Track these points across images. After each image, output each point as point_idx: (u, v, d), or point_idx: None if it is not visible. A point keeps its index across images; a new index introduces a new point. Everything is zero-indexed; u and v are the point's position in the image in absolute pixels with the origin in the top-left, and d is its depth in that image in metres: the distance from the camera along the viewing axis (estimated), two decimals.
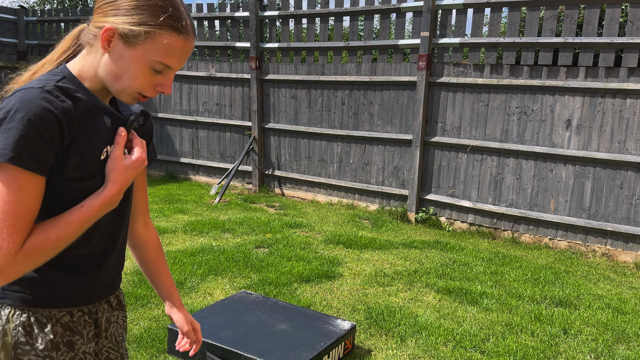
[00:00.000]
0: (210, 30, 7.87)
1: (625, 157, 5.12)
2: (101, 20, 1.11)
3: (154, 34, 1.09)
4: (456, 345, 3.23)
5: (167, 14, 1.09)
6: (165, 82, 1.16)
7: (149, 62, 1.11)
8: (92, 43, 1.14)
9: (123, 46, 1.10)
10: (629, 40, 5.00)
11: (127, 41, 1.09)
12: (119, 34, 1.09)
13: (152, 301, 3.69)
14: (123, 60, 1.11)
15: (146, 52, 1.10)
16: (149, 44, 1.10)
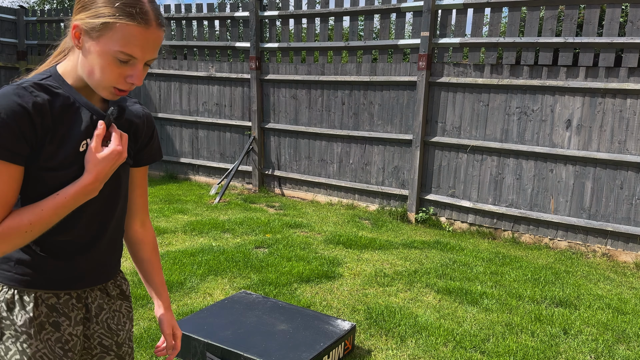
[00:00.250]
0: (210, 30, 7.87)
1: (626, 157, 5.11)
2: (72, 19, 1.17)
3: (112, 25, 1.11)
4: (456, 346, 3.23)
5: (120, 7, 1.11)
6: (133, 73, 1.17)
7: (111, 53, 1.13)
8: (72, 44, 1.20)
9: (89, 40, 1.14)
10: (629, 40, 4.99)
11: (90, 35, 1.13)
12: (83, 29, 1.14)
13: (152, 301, 3.68)
14: (91, 54, 1.15)
15: (107, 44, 1.13)
16: (109, 35, 1.12)
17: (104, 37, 1.12)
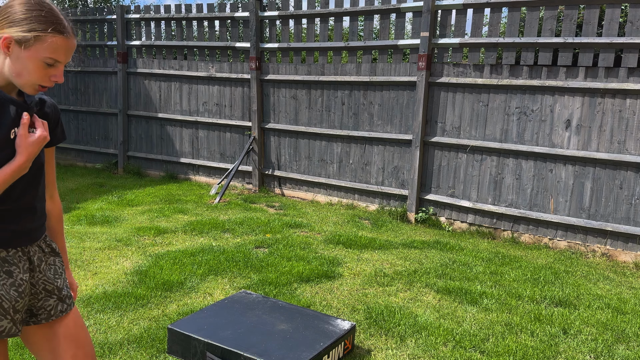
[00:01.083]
0: (210, 30, 7.88)
1: (625, 157, 5.12)
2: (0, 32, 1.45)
3: (42, 37, 1.45)
4: (456, 345, 3.23)
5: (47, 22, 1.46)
6: (57, 72, 1.52)
7: (40, 58, 1.47)
8: None
9: (19, 49, 1.45)
10: (629, 40, 5.00)
11: (21, 45, 1.45)
12: (15, 40, 1.44)
13: (152, 301, 3.69)
14: (20, 60, 1.46)
15: (38, 51, 1.46)
16: (39, 45, 1.45)
17: (34, 46, 1.45)
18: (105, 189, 7.52)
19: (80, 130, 9.34)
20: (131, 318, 3.43)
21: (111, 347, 3.04)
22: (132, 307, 3.58)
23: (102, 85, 9.00)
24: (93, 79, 9.07)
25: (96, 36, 8.91)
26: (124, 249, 4.83)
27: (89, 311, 3.50)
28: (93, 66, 9.04)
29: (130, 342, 3.11)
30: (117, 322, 3.36)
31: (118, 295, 3.73)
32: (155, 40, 8.37)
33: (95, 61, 9.01)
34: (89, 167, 9.26)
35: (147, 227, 5.47)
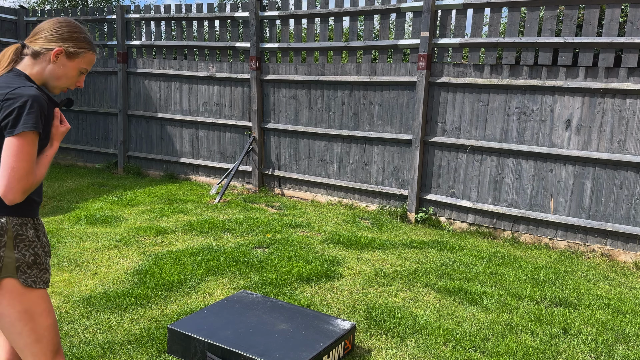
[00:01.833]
0: (210, 30, 7.88)
1: (625, 157, 5.12)
2: (51, 44, 1.87)
3: (84, 53, 1.93)
4: (456, 345, 3.23)
5: (88, 42, 1.94)
6: (82, 79, 2.00)
7: (79, 68, 1.94)
8: (39, 57, 1.87)
9: (65, 59, 1.89)
10: (629, 40, 5.00)
11: (69, 56, 1.90)
12: (65, 51, 1.88)
13: (152, 301, 3.69)
14: (65, 68, 1.90)
15: (79, 63, 1.93)
16: (81, 59, 1.93)
17: (78, 59, 1.92)
18: (105, 189, 7.52)
19: (80, 130, 9.34)
20: (131, 318, 3.43)
21: (111, 347, 3.04)
22: (132, 307, 3.58)
23: (102, 85, 9.00)
24: (93, 78, 9.07)
25: (96, 36, 8.90)
26: (124, 249, 4.83)
27: (89, 311, 3.50)
28: (93, 66, 9.02)
29: (131, 342, 3.11)
30: (117, 322, 3.36)
31: (118, 295, 3.73)
32: (155, 40, 8.37)
33: (95, 61, 9.00)
34: (89, 167, 9.26)
35: (147, 227, 5.47)
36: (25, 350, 1.86)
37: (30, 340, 1.84)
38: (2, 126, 1.71)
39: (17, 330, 1.82)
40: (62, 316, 3.43)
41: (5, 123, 1.70)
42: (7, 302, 1.80)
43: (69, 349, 3.02)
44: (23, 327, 1.82)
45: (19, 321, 1.82)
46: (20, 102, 1.70)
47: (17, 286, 1.81)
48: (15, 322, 1.82)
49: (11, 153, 1.69)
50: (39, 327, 1.85)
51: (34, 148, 1.73)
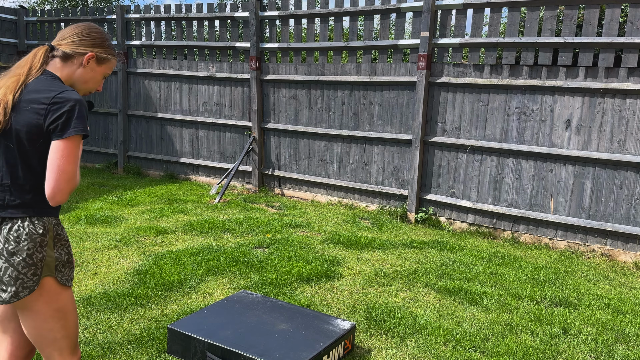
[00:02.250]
0: (210, 30, 7.88)
1: (625, 157, 5.12)
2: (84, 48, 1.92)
3: (111, 59, 2.01)
4: (456, 345, 3.23)
5: (114, 49, 2.04)
6: (102, 83, 2.06)
7: (104, 73, 2.02)
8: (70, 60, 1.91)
9: (95, 64, 1.96)
10: (629, 40, 5.00)
11: (99, 61, 1.97)
12: (97, 57, 1.95)
13: (152, 301, 3.69)
14: (93, 72, 1.97)
15: (105, 68, 2.01)
16: (108, 63, 2.01)
17: (105, 64, 2.00)
18: (105, 188, 7.51)
19: None
20: (131, 318, 3.42)
21: (111, 347, 3.04)
22: (132, 307, 3.58)
23: None
24: None
25: None
26: (124, 249, 4.83)
27: (88, 311, 3.50)
28: None
29: (130, 342, 3.11)
30: (117, 322, 3.36)
31: (118, 295, 3.73)
32: (155, 40, 8.37)
33: None
34: (89, 167, 9.26)
35: (147, 227, 5.47)
36: (51, 345, 1.89)
37: (59, 336, 1.89)
38: (51, 129, 1.74)
39: (48, 327, 1.86)
40: None
41: (54, 126, 1.73)
42: (45, 300, 1.84)
43: None
44: (55, 324, 1.87)
45: (52, 318, 1.86)
46: (69, 106, 1.74)
47: (54, 285, 1.86)
48: (49, 319, 1.86)
49: (61, 155, 1.72)
50: (69, 324, 1.92)
51: (80, 151, 1.79)
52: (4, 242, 1.79)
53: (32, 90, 1.79)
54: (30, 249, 1.79)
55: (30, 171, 1.80)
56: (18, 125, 1.76)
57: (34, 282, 1.81)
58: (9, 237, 1.79)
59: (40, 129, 1.75)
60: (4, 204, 1.81)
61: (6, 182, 1.80)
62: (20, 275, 1.78)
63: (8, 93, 1.77)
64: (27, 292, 1.80)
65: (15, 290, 1.79)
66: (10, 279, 1.79)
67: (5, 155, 1.80)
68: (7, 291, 1.79)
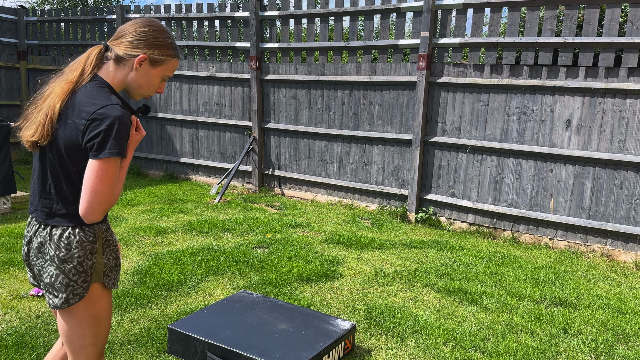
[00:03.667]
0: (210, 30, 7.88)
1: (625, 157, 5.12)
2: (135, 50, 1.76)
3: (168, 60, 1.83)
4: (456, 345, 3.23)
5: (174, 48, 1.84)
6: (162, 86, 1.90)
7: (162, 76, 1.85)
8: (122, 62, 1.78)
9: (148, 67, 1.80)
10: (629, 40, 5.00)
11: (153, 64, 1.80)
12: (150, 59, 1.79)
13: (152, 301, 3.69)
14: (147, 75, 1.81)
15: (162, 70, 1.84)
16: (165, 66, 1.83)
17: (162, 66, 1.82)
18: None
19: None
20: (131, 318, 3.42)
21: (111, 347, 3.04)
22: (132, 306, 3.58)
23: None
24: None
25: (96, 36, 8.90)
26: (124, 248, 4.83)
27: None
28: None
29: (131, 342, 3.11)
30: (117, 322, 3.36)
31: (118, 295, 3.73)
32: None
33: None
34: None
35: (147, 227, 5.47)
36: (80, 351, 1.87)
37: (89, 342, 1.86)
38: (88, 147, 1.66)
39: (81, 332, 1.84)
40: None
41: (90, 144, 1.65)
42: (84, 305, 1.82)
43: None
44: (88, 330, 1.85)
45: (86, 324, 1.84)
46: (107, 125, 1.63)
47: (99, 290, 1.85)
48: (83, 324, 1.84)
49: (95, 176, 1.65)
50: (100, 332, 1.89)
51: (116, 171, 1.70)
52: (55, 249, 1.77)
53: (77, 102, 1.70)
54: (80, 256, 1.77)
55: (71, 184, 1.76)
56: (60, 139, 1.70)
57: (84, 289, 1.80)
58: (60, 244, 1.77)
59: (79, 146, 1.68)
60: (51, 212, 1.79)
61: (53, 192, 1.78)
62: (70, 282, 1.78)
63: (56, 102, 1.69)
64: (77, 299, 1.79)
65: (66, 297, 1.78)
66: (62, 286, 1.78)
67: (50, 165, 1.76)
68: (59, 297, 1.79)
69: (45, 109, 1.70)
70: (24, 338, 3.11)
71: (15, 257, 4.41)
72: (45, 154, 1.76)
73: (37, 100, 1.78)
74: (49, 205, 1.79)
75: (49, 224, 1.79)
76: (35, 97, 1.80)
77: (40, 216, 1.81)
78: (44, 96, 1.76)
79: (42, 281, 1.84)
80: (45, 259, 1.80)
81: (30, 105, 1.79)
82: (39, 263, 1.82)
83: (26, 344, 3.05)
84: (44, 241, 1.79)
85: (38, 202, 1.81)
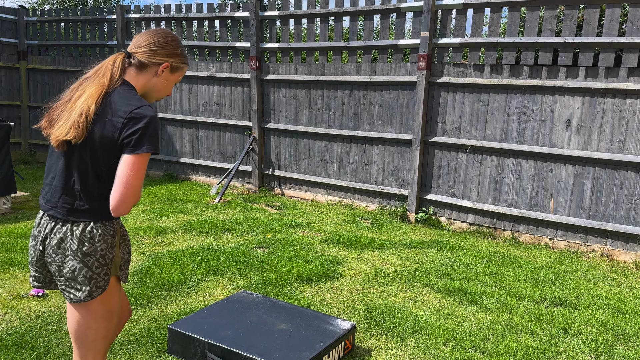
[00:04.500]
0: (210, 30, 7.88)
1: (625, 157, 5.12)
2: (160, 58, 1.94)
3: (183, 67, 2.04)
4: (456, 345, 3.23)
5: (187, 57, 2.05)
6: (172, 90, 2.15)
7: (176, 81, 2.05)
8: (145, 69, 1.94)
9: (169, 73, 1.99)
10: (629, 40, 5.00)
11: (173, 70, 2.00)
12: (171, 66, 1.98)
13: (152, 301, 3.69)
14: (166, 80, 2.00)
15: (178, 76, 2.04)
16: (180, 72, 2.03)
17: (177, 72, 2.02)
18: None
19: None
20: (131, 318, 3.42)
21: (111, 347, 3.04)
22: (132, 306, 3.58)
23: None
24: None
25: (96, 36, 8.91)
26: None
27: None
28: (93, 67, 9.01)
29: (131, 342, 3.11)
30: None
31: None
32: None
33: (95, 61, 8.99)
34: None
35: (147, 227, 5.47)
36: (90, 345, 1.94)
37: (101, 337, 1.95)
38: (125, 143, 1.77)
39: (95, 326, 1.92)
40: (62, 316, 3.43)
41: (127, 141, 1.77)
42: (101, 300, 1.91)
43: (69, 349, 3.02)
44: (102, 323, 1.93)
45: (101, 318, 1.93)
46: (144, 123, 1.77)
47: (114, 283, 1.95)
48: (99, 319, 1.92)
49: (131, 169, 1.76)
50: (111, 326, 1.98)
51: (146, 167, 1.83)
52: (78, 244, 1.85)
53: (113, 102, 1.82)
54: (103, 249, 1.87)
55: (99, 180, 1.84)
56: (94, 136, 1.80)
57: (106, 282, 1.89)
58: (83, 239, 1.85)
59: (114, 142, 1.79)
60: (72, 208, 1.86)
61: (77, 188, 1.85)
62: (94, 275, 1.86)
63: (91, 103, 1.80)
64: (100, 291, 1.88)
65: (90, 290, 1.86)
66: (85, 279, 1.85)
67: (77, 162, 1.84)
68: (82, 290, 1.86)
69: (79, 109, 1.79)
70: (24, 338, 3.11)
71: (15, 257, 4.41)
72: (74, 152, 1.84)
73: (64, 102, 1.87)
74: (71, 202, 1.86)
75: (69, 219, 1.86)
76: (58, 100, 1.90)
77: (60, 212, 1.87)
78: (73, 98, 1.85)
79: (61, 277, 1.89)
80: (66, 254, 1.86)
81: (54, 107, 1.89)
82: (58, 259, 1.88)
83: (26, 344, 3.05)
84: (65, 237, 1.86)
85: (59, 198, 1.88)
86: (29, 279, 2.08)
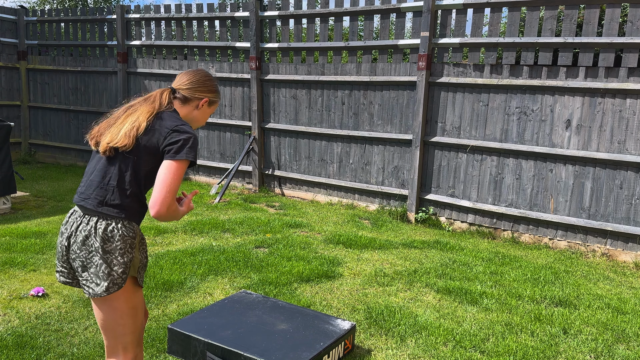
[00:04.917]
0: (210, 30, 7.88)
1: (625, 157, 5.12)
2: (202, 94, 2.23)
3: (217, 101, 2.32)
4: (456, 345, 3.23)
5: (219, 91, 2.33)
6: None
7: (210, 113, 2.32)
8: (188, 102, 2.21)
9: (207, 107, 2.27)
10: (629, 40, 5.00)
11: (211, 104, 2.28)
12: (210, 100, 2.27)
13: (152, 301, 3.69)
14: (204, 113, 2.28)
15: (213, 109, 2.32)
16: (214, 106, 2.31)
17: (212, 106, 2.30)
18: None
19: (80, 130, 9.34)
20: None
21: None
22: None
23: (102, 85, 9.00)
24: (93, 79, 9.07)
25: (96, 36, 8.91)
26: None
27: (89, 311, 3.50)
28: (93, 66, 9.04)
29: None
30: None
31: None
32: (155, 40, 8.37)
33: (95, 61, 9.01)
34: None
35: (147, 227, 5.47)
36: (119, 339, 2.09)
37: (127, 332, 2.09)
38: (166, 149, 1.99)
39: (122, 323, 2.07)
40: (62, 316, 3.43)
41: (169, 148, 1.99)
42: (124, 298, 2.05)
43: (69, 349, 3.02)
44: (127, 320, 2.08)
45: (127, 315, 2.07)
46: (186, 136, 2.01)
47: (134, 284, 2.09)
48: (125, 316, 2.07)
49: (170, 173, 1.95)
50: (137, 321, 2.13)
51: (183, 174, 2.01)
52: (100, 241, 1.99)
53: (162, 119, 2.07)
54: (122, 248, 2.00)
55: (136, 179, 2.03)
56: (141, 144, 2.01)
57: (123, 280, 2.01)
58: (105, 236, 1.99)
59: (157, 148, 2.01)
60: (102, 201, 2.01)
61: (112, 184, 2.02)
62: (112, 272, 1.99)
63: (142, 120, 2.04)
64: (116, 288, 2.00)
65: (107, 285, 1.98)
66: (104, 275, 1.98)
67: (120, 162, 2.02)
68: (100, 285, 1.99)
69: (130, 123, 2.04)
70: (24, 338, 3.11)
71: (15, 257, 4.41)
72: (117, 156, 2.04)
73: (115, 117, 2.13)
74: (103, 194, 2.02)
75: (97, 211, 2.01)
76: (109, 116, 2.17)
77: (91, 203, 2.03)
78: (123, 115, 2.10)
79: (84, 272, 2.02)
80: (90, 250, 2.00)
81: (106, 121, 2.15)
82: (83, 255, 2.02)
83: (26, 344, 3.05)
84: (89, 234, 2.00)
85: (93, 191, 2.04)
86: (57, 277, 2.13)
